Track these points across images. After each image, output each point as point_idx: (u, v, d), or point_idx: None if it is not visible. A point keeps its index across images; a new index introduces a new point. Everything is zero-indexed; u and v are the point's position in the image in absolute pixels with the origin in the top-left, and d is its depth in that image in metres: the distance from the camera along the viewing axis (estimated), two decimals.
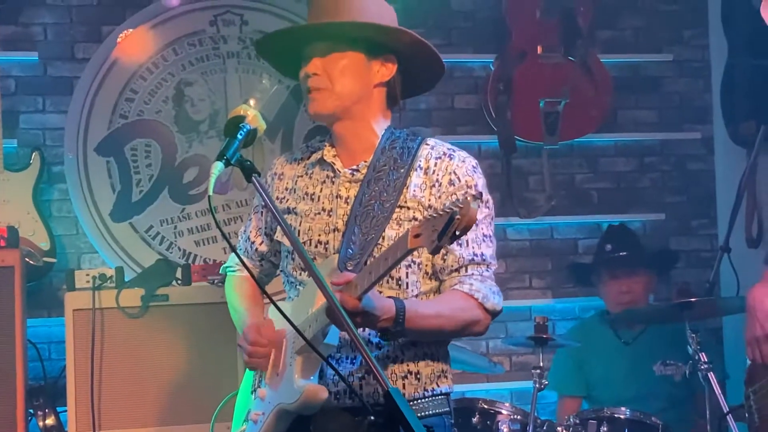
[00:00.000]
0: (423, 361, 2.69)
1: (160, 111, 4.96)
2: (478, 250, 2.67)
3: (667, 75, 5.51)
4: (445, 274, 2.68)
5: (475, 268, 2.66)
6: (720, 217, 5.42)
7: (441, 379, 2.72)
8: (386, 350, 2.65)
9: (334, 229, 2.70)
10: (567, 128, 5.19)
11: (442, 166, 2.70)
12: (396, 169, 2.70)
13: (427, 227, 2.23)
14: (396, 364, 2.66)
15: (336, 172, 2.77)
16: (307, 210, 2.75)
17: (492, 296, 2.65)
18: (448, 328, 2.66)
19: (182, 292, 4.25)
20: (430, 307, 2.61)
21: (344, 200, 2.72)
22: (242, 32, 5.02)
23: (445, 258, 2.67)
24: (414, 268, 2.66)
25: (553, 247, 5.37)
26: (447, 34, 5.30)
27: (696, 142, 5.50)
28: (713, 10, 5.38)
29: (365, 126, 2.76)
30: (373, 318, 2.45)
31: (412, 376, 2.67)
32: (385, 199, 2.67)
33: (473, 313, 2.64)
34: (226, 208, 4.94)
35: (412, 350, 2.67)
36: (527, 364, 4.77)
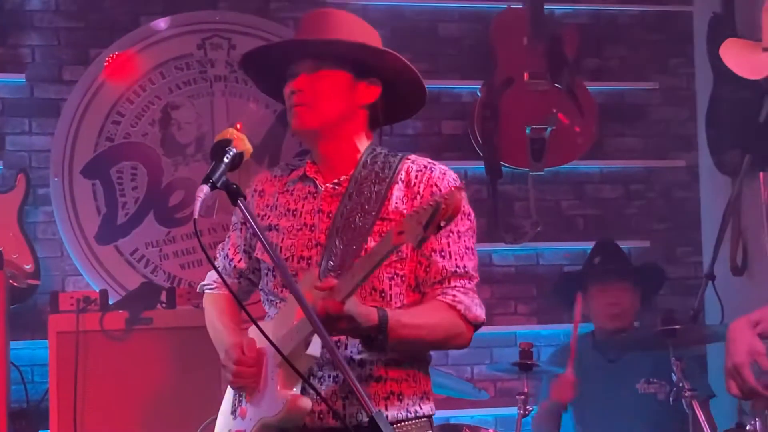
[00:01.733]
0: (405, 382, 2.68)
1: (146, 134, 4.96)
2: (461, 263, 2.68)
3: (652, 103, 5.54)
4: (427, 286, 2.68)
5: (457, 281, 2.67)
6: (705, 245, 5.43)
7: (423, 400, 2.71)
8: (369, 369, 2.64)
9: (317, 243, 2.70)
10: (553, 155, 5.20)
11: (423, 178, 2.72)
12: (377, 183, 2.71)
13: (410, 222, 2.24)
14: (379, 384, 2.65)
15: (318, 188, 2.78)
16: (289, 226, 2.75)
17: (474, 308, 2.66)
18: (431, 339, 2.65)
19: (167, 316, 4.24)
20: (413, 317, 2.60)
21: (326, 215, 2.72)
22: (230, 56, 5.03)
23: (428, 270, 2.67)
24: (397, 281, 2.66)
25: (538, 273, 5.38)
26: (434, 60, 5.32)
27: (681, 170, 5.52)
28: (699, 40, 5.41)
29: (348, 144, 2.78)
30: (356, 324, 2.44)
31: (395, 397, 2.66)
32: (366, 212, 2.68)
33: (456, 325, 2.65)
34: (211, 231, 4.93)
35: (395, 371, 2.66)
36: (512, 390, 4.76)
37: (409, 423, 2.67)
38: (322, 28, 2.76)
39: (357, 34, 2.77)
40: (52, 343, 4.11)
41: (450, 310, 2.64)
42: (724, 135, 5.02)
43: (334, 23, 2.78)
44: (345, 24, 2.79)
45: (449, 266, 2.67)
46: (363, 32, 2.80)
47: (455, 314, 2.64)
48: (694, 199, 5.52)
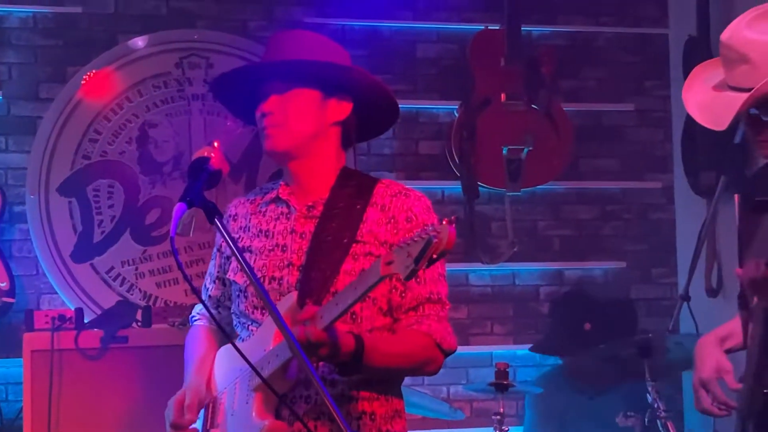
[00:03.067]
0: (377, 401, 2.69)
1: (123, 152, 4.95)
2: (435, 289, 2.71)
3: (628, 124, 5.57)
4: (401, 312, 2.70)
5: (431, 308, 2.70)
6: (680, 266, 5.46)
7: (395, 419, 2.73)
8: (340, 389, 2.64)
9: (289, 264, 2.70)
10: (530, 175, 5.22)
11: (398, 203, 2.73)
12: (352, 206, 2.72)
13: (400, 254, 2.25)
14: (351, 404, 2.65)
15: (291, 209, 2.78)
16: (261, 247, 2.76)
17: (449, 337, 2.69)
18: (405, 367, 2.69)
19: (142, 335, 4.22)
20: (389, 345, 2.62)
21: (299, 235, 2.73)
22: (208, 75, 5.03)
23: (403, 295, 2.69)
24: (368, 303, 2.66)
25: (514, 293, 5.39)
26: (412, 80, 5.34)
27: (657, 191, 5.55)
28: (674, 62, 5.45)
29: (320, 164, 2.78)
30: (335, 352, 2.45)
31: (367, 417, 2.67)
32: (341, 234, 2.68)
33: (430, 353, 2.67)
34: (188, 250, 4.92)
35: (366, 390, 2.67)
36: (488, 411, 4.77)
37: None
38: (288, 49, 2.77)
39: (323, 53, 2.78)
40: (27, 362, 4.08)
41: (425, 338, 2.66)
42: (699, 156, 5.05)
43: (301, 43, 2.78)
44: (311, 43, 2.79)
45: (424, 292, 2.70)
46: (329, 51, 2.81)
47: (430, 342, 2.66)
48: (670, 221, 5.55)
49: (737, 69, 2.58)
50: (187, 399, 2.73)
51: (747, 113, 2.59)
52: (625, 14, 5.59)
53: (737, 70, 2.58)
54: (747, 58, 2.55)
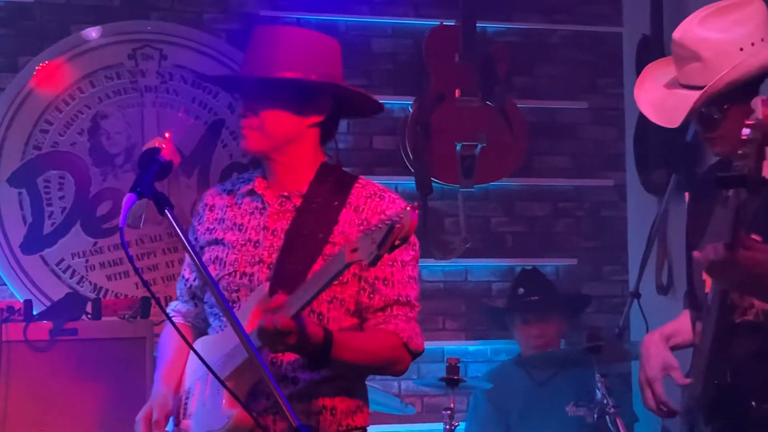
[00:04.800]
0: (339, 396, 2.70)
1: (74, 143, 4.91)
2: (404, 291, 2.72)
3: (582, 122, 5.60)
4: (369, 313, 2.71)
5: (400, 309, 2.71)
6: (631, 264, 5.50)
7: (357, 414, 2.75)
8: (302, 386, 2.66)
9: (260, 260, 2.72)
10: (483, 172, 5.23)
11: (372, 205, 2.74)
12: (329, 203, 2.73)
13: (364, 241, 2.28)
14: (312, 400, 2.67)
15: (265, 204, 2.78)
16: (234, 240, 2.77)
17: (416, 337, 2.71)
18: (371, 364, 2.71)
19: (92, 327, 4.19)
20: (357, 341, 2.65)
21: (271, 232, 2.74)
22: (161, 66, 5.00)
23: (371, 297, 2.70)
24: (336, 304, 2.68)
25: (467, 289, 5.40)
26: (367, 75, 5.34)
27: (609, 189, 5.58)
28: (628, 60, 5.49)
29: (298, 162, 2.79)
30: (303, 341, 2.46)
31: (328, 412, 2.68)
32: (315, 233, 2.69)
33: (397, 353, 2.68)
34: (139, 242, 4.89)
35: (328, 385, 2.68)
36: (439, 406, 4.77)
37: None
38: (268, 54, 2.74)
39: (305, 57, 2.74)
40: None
41: (393, 337, 2.67)
42: (651, 155, 5.09)
43: (281, 46, 2.74)
44: (293, 47, 2.75)
45: (392, 294, 2.70)
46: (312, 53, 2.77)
47: (397, 342, 2.67)
48: (622, 218, 5.59)
49: (689, 67, 2.61)
50: (155, 415, 2.74)
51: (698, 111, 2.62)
52: (579, 12, 5.62)
53: (689, 68, 2.61)
54: (698, 56, 2.58)
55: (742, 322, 2.53)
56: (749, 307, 2.52)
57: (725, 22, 2.58)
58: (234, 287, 2.71)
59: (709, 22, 2.59)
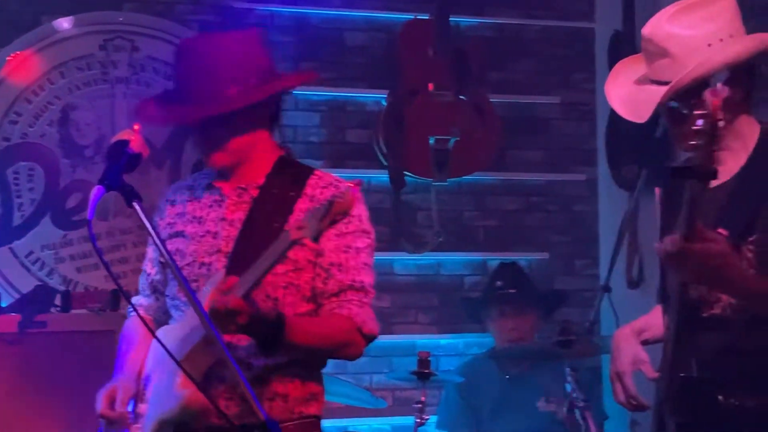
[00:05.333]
0: (292, 383, 2.73)
1: (44, 134, 4.88)
2: (358, 277, 2.75)
3: (554, 117, 5.61)
4: (324, 298, 2.74)
5: (354, 294, 2.74)
6: (602, 258, 5.52)
7: (310, 402, 2.76)
8: (256, 371, 2.68)
9: (218, 250, 2.75)
10: (456, 166, 5.23)
11: (327, 194, 2.74)
12: (285, 195, 2.76)
13: (308, 219, 2.36)
14: (264, 386, 2.69)
15: (223, 197, 2.82)
16: (193, 232, 2.80)
17: (370, 322, 2.74)
18: (324, 347, 2.73)
19: (61, 320, 4.16)
20: (310, 325, 2.68)
21: (229, 223, 2.77)
22: (132, 58, 4.97)
23: (326, 282, 2.73)
24: (291, 290, 2.71)
25: (439, 282, 5.41)
26: (340, 69, 5.33)
27: (581, 183, 5.60)
28: (600, 56, 5.50)
29: (254, 159, 2.81)
30: (255, 322, 2.50)
31: (280, 398, 2.71)
32: (271, 223, 2.71)
33: (350, 336, 2.71)
34: (109, 235, 4.87)
35: (282, 372, 2.71)
36: (410, 399, 4.78)
37: (293, 423, 2.72)
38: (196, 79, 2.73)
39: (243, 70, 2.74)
40: None
41: (346, 321, 2.70)
42: (622, 150, 5.11)
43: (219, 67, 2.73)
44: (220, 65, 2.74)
45: (346, 280, 2.73)
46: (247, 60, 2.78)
47: (351, 326, 2.70)
48: (593, 213, 5.61)
49: (658, 63, 2.62)
50: (118, 392, 2.76)
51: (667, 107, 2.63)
52: (552, 7, 5.63)
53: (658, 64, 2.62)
54: (667, 51, 2.59)
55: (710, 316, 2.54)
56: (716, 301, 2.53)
57: (694, 18, 2.59)
58: (193, 277, 2.73)
59: (678, 18, 2.60)
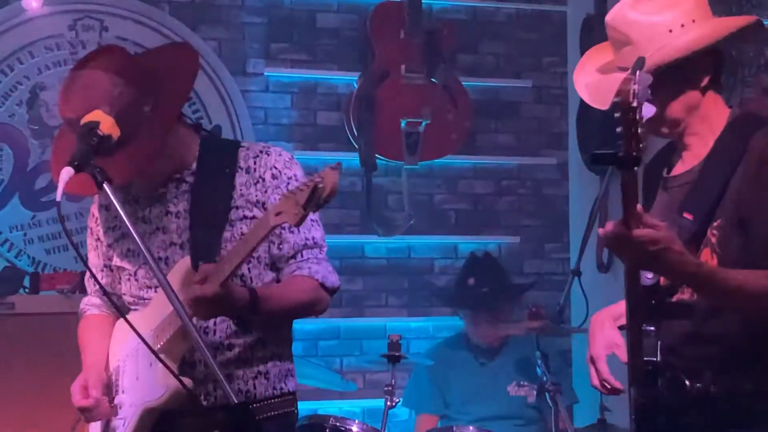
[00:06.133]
0: (271, 362, 2.81)
1: (13, 114, 4.84)
2: (309, 235, 2.80)
3: (525, 101, 5.62)
4: (282, 262, 2.79)
5: (309, 252, 2.79)
6: (572, 242, 5.54)
7: (288, 378, 2.85)
8: (237, 352, 2.74)
9: (171, 243, 2.77)
10: (427, 149, 5.24)
11: (262, 162, 2.79)
12: (220, 173, 2.78)
13: (287, 203, 2.34)
14: (246, 366, 2.76)
15: (162, 194, 2.80)
16: (141, 231, 2.73)
17: (330, 276, 2.80)
18: (295, 309, 2.80)
19: (29, 301, 4.15)
20: (279, 292, 2.74)
21: (174, 215, 2.78)
22: (102, 38, 4.93)
23: (281, 247, 2.78)
24: (254, 263, 2.76)
25: (410, 266, 5.41)
26: (311, 50, 5.31)
27: (552, 167, 5.61)
28: (572, 40, 5.50)
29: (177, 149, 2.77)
30: (231, 306, 2.55)
31: (262, 377, 2.78)
32: (216, 204, 2.75)
33: (316, 294, 2.77)
34: (78, 216, 4.81)
35: (261, 351, 2.78)
36: (380, 382, 4.77)
37: (276, 400, 2.80)
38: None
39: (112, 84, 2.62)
40: None
41: (309, 280, 2.76)
42: (593, 134, 5.11)
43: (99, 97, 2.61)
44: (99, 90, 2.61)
45: (299, 240, 2.78)
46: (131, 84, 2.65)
47: (314, 284, 2.76)
48: (564, 197, 5.62)
49: (623, 50, 2.62)
50: (90, 379, 2.76)
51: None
52: None
53: (622, 51, 2.62)
54: (629, 38, 2.60)
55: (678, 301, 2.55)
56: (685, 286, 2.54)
57: (656, 4, 2.60)
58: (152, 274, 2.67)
59: (641, 4, 2.61)
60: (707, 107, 2.63)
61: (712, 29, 2.57)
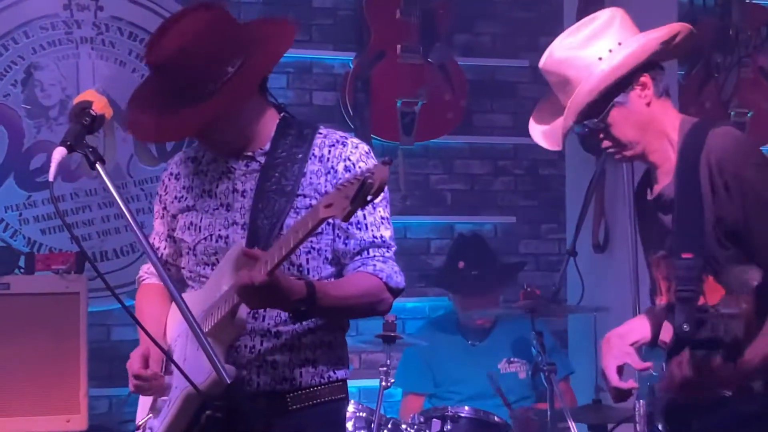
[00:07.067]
0: (320, 349, 2.75)
1: (8, 95, 4.83)
2: (378, 233, 2.75)
3: (522, 80, 5.60)
4: (347, 258, 2.74)
5: (376, 250, 2.74)
6: (569, 222, 5.53)
7: (338, 366, 2.80)
8: (284, 339, 2.70)
9: (233, 222, 2.75)
10: (423, 129, 5.23)
11: (336, 153, 2.75)
12: (292, 158, 2.74)
13: (338, 196, 2.30)
14: (293, 353, 2.72)
15: (231, 168, 2.79)
16: (206, 206, 2.78)
17: (395, 276, 2.74)
18: (357, 308, 2.75)
19: (25, 282, 4.16)
20: (339, 288, 2.68)
21: (241, 194, 2.76)
22: (97, 18, 4.91)
23: (347, 242, 2.73)
24: (314, 254, 2.72)
25: (405, 246, 5.40)
26: (307, 30, 5.29)
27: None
28: (568, 19, 5.48)
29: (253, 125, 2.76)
30: (283, 297, 2.49)
31: (309, 364, 2.74)
32: (283, 189, 2.71)
33: (379, 293, 2.71)
34: (74, 196, 4.83)
35: (309, 338, 2.73)
36: (375, 362, 4.79)
37: (323, 387, 2.75)
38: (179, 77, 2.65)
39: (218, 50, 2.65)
40: None
41: (372, 278, 2.70)
42: None
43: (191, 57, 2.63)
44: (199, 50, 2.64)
45: (367, 237, 2.73)
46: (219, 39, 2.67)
47: (379, 283, 2.70)
48: (560, 177, 5.62)
49: (564, 90, 2.65)
50: (153, 351, 2.72)
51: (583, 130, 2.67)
52: None
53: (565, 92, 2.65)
54: (566, 77, 2.64)
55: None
56: None
57: (581, 38, 2.63)
58: (211, 250, 2.74)
59: (566, 42, 2.64)
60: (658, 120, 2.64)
61: (640, 47, 2.58)
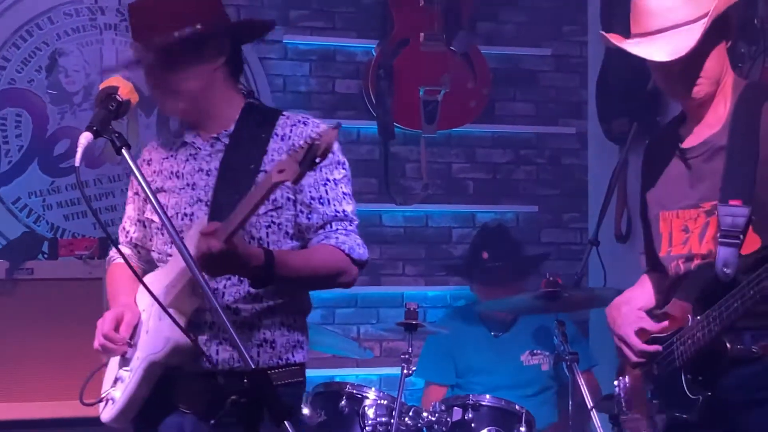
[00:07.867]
0: (279, 330, 2.81)
1: (32, 80, 4.84)
2: (340, 207, 2.81)
3: (545, 69, 5.58)
4: (311, 232, 2.80)
5: (339, 224, 2.80)
6: (591, 212, 5.51)
7: (296, 349, 2.84)
8: (243, 317, 2.75)
9: (198, 200, 2.82)
10: (445, 118, 5.22)
11: (298, 131, 2.83)
12: (255, 138, 2.81)
13: (289, 161, 2.36)
14: (252, 331, 2.77)
15: (197, 149, 2.87)
16: (173, 186, 2.86)
17: (357, 248, 2.79)
18: (318, 278, 2.80)
19: (48, 267, 4.18)
20: (299, 257, 2.75)
21: (206, 173, 2.84)
22: (121, 4, 4.92)
23: (309, 217, 2.79)
24: (274, 228, 2.78)
25: (427, 235, 5.40)
26: (330, 17, 5.29)
27: (571, 136, 5.58)
28: (592, 8, 5.47)
29: (218, 106, 2.85)
30: (242, 263, 2.55)
31: (267, 345, 2.79)
32: (247, 167, 2.77)
33: (341, 264, 2.77)
34: (97, 182, 4.85)
35: (269, 318, 2.79)
36: (397, 350, 4.80)
37: (281, 370, 2.79)
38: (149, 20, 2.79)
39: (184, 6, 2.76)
40: None
41: (335, 250, 2.76)
42: (612, 103, 5.09)
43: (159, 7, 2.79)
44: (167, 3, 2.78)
45: (329, 211, 2.79)
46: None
47: (341, 255, 2.76)
48: (582, 166, 5.60)
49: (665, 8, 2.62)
50: (126, 317, 2.80)
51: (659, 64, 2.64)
52: None
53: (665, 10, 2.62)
54: None
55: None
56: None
57: None
58: (178, 228, 2.74)
59: None
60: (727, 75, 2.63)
61: None
